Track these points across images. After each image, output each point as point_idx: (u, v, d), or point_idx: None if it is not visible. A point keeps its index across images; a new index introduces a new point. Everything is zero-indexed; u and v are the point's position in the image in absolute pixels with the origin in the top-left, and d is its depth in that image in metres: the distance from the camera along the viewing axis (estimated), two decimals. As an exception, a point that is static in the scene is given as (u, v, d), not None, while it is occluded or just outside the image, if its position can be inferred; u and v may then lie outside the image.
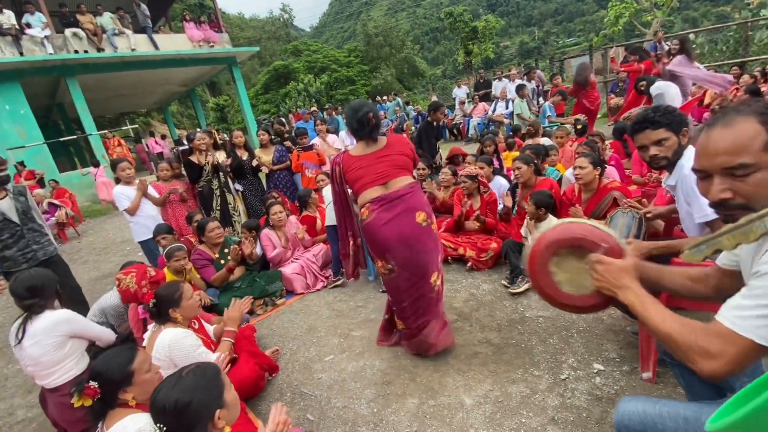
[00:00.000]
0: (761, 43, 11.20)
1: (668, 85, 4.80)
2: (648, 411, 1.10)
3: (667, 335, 0.92)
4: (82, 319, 2.24)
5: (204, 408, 1.18)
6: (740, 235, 0.52)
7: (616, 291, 1.06)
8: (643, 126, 1.79)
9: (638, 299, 1.01)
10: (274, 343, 2.88)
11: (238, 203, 4.73)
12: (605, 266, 1.08)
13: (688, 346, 0.88)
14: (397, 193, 2.14)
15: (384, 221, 2.12)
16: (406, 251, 2.14)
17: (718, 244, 0.55)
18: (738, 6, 24.94)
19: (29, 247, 3.12)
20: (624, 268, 1.07)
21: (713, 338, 0.85)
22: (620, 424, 1.15)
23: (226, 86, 29.57)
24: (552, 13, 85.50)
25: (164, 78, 13.80)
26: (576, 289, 1.22)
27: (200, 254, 3.55)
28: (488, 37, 20.61)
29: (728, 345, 0.83)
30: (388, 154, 2.21)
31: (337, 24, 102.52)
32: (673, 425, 1.05)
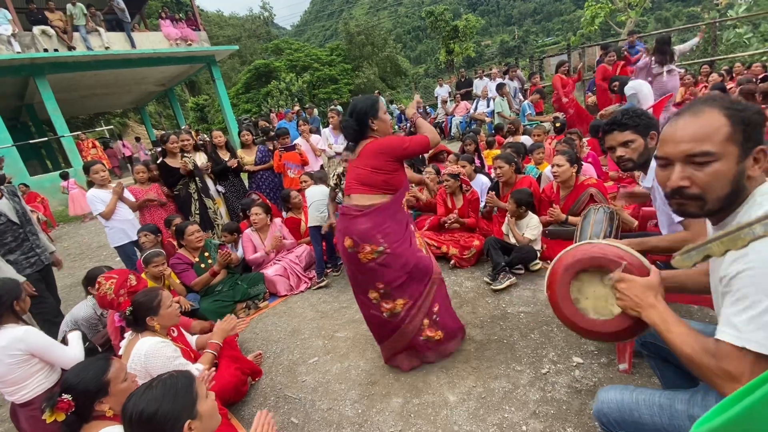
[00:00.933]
0: (729, 43, 11.67)
1: (641, 84, 4.93)
2: (625, 399, 1.14)
3: (688, 357, 0.92)
4: (41, 339, 2.01)
5: (171, 419, 1.14)
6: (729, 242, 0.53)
7: (639, 310, 1.04)
8: (611, 128, 1.83)
9: (661, 319, 0.99)
10: (257, 347, 2.85)
11: (220, 206, 4.65)
12: (628, 284, 1.07)
13: (708, 368, 0.88)
14: (347, 209, 2.12)
15: (337, 228, 2.22)
16: (345, 263, 2.25)
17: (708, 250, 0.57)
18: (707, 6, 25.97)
19: (33, 250, 2.96)
20: (649, 285, 1.05)
21: (728, 359, 0.84)
22: (599, 412, 1.19)
23: (206, 85, 28.97)
24: (531, 13, 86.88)
25: (140, 77, 13.43)
26: (601, 316, 1.17)
27: (180, 258, 3.48)
28: (469, 36, 20.83)
29: (744, 364, 0.82)
30: (357, 165, 2.13)
31: (319, 22, 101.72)
32: (648, 411, 1.09)
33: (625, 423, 1.12)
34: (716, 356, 0.86)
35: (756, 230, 0.49)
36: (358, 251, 2.08)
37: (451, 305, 2.41)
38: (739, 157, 0.89)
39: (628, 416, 1.11)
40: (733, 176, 0.89)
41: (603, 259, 1.15)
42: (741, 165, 0.89)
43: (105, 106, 19.36)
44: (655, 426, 1.08)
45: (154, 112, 27.05)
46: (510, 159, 3.55)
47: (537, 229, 3.18)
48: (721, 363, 0.85)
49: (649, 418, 1.08)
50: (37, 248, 3.00)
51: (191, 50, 12.64)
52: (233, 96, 24.39)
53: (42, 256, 3.03)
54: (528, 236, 3.16)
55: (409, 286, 2.15)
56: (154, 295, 2.10)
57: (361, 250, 2.07)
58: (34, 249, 2.98)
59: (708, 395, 1.06)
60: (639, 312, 1.04)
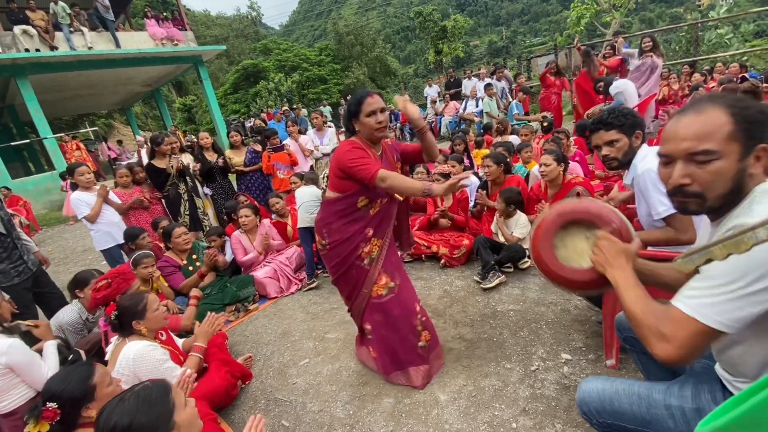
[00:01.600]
0: (710, 43, 11.94)
1: (626, 84, 5.02)
2: (606, 389, 1.17)
3: (633, 316, 0.97)
4: (23, 356, 1.93)
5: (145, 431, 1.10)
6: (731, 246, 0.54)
7: (607, 268, 1.11)
8: (597, 127, 1.86)
9: (624, 279, 1.06)
10: (247, 350, 2.82)
11: (207, 208, 4.61)
12: (609, 243, 1.13)
13: (647, 327, 0.93)
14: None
15: None
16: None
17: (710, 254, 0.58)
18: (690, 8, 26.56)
19: (21, 258, 2.87)
20: (625, 250, 1.11)
21: (667, 320, 0.90)
22: (581, 401, 1.22)
23: (193, 86, 28.65)
24: (519, 13, 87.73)
25: (125, 78, 13.21)
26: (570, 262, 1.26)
27: (167, 261, 3.43)
28: (457, 36, 20.95)
29: (679, 327, 0.87)
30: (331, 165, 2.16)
31: (308, 22, 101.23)
32: (627, 401, 1.12)
33: (606, 412, 1.15)
34: (659, 317, 0.92)
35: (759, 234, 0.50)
36: (329, 247, 2.12)
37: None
38: (741, 155, 0.89)
39: (608, 405, 1.15)
40: (734, 174, 0.89)
41: (598, 217, 1.22)
42: (742, 163, 0.89)
43: (89, 107, 19.01)
44: (634, 414, 1.11)
45: (141, 113, 26.65)
46: (499, 159, 3.58)
47: (526, 227, 3.21)
48: (660, 324, 0.90)
49: (628, 407, 1.12)
50: (24, 255, 2.93)
51: (177, 50, 12.47)
52: (221, 96, 24.14)
53: (29, 263, 2.96)
54: (517, 235, 3.19)
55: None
56: (140, 298, 2.07)
57: (323, 242, 2.13)
58: (22, 257, 2.91)
59: (684, 387, 1.09)
60: (605, 269, 1.11)
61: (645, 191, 1.75)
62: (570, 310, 2.56)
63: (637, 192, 1.84)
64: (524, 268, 3.14)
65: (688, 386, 1.08)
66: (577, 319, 2.46)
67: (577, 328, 2.37)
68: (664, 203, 1.67)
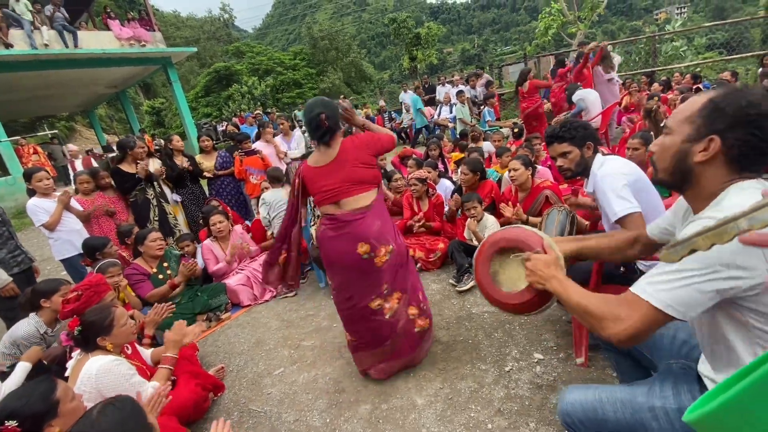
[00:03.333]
0: (667, 55, 12.68)
1: (588, 92, 5.25)
2: (588, 398, 1.18)
3: (584, 308, 1.01)
4: None
5: None
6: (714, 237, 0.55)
7: (544, 282, 1.16)
8: (551, 140, 1.96)
9: (561, 285, 1.11)
10: (219, 361, 2.74)
11: (177, 213, 4.46)
12: (534, 261, 1.20)
13: (601, 314, 0.97)
14: (347, 216, 1.97)
15: (329, 238, 2.02)
16: (344, 274, 2.07)
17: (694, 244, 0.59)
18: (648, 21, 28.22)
19: (18, 248, 2.93)
20: (549, 261, 1.18)
21: (623, 304, 0.95)
22: (564, 412, 1.22)
23: (162, 88, 27.76)
24: (490, 23, 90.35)
25: (88, 78, 12.61)
26: (509, 287, 1.36)
27: (135, 269, 3.27)
28: (431, 43, 21.30)
29: (634, 309, 0.93)
30: (342, 166, 1.98)
31: (282, 26, 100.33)
32: (611, 408, 1.13)
33: (590, 421, 1.15)
34: (612, 303, 0.97)
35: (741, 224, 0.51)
36: (375, 255, 1.98)
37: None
38: (687, 138, 0.96)
39: (592, 415, 1.15)
40: (675, 153, 0.98)
41: (522, 242, 1.32)
42: (686, 145, 0.96)
43: (49, 109, 18.02)
44: (618, 422, 1.11)
45: (105, 115, 25.55)
46: (476, 167, 3.66)
47: (495, 227, 3.29)
48: (615, 308, 0.96)
49: (612, 414, 1.12)
50: (21, 246, 2.98)
51: (145, 51, 12.04)
52: (192, 99, 23.53)
53: (28, 254, 3.00)
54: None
55: (401, 275, 2.13)
56: (107, 313, 1.97)
57: (377, 253, 1.98)
58: (20, 247, 2.95)
59: (664, 385, 1.11)
60: (544, 284, 1.16)
61: (603, 195, 1.83)
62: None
63: (599, 198, 1.93)
64: (498, 270, 3.20)
65: (668, 386, 1.10)
66: (548, 319, 2.53)
67: (549, 328, 2.43)
68: (620, 205, 1.73)
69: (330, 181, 1.99)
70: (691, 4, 63.84)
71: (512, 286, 1.36)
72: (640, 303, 0.92)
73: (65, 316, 2.24)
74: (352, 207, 1.98)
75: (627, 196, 1.72)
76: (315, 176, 2.04)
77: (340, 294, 2.14)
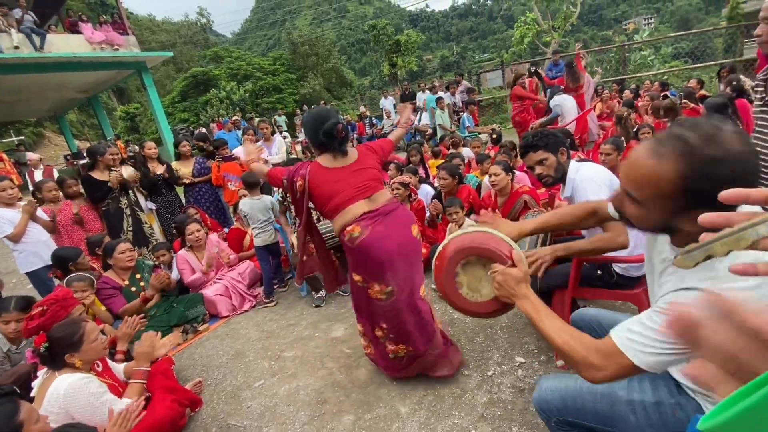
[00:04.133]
0: (636, 63, 13.22)
1: (565, 99, 5.41)
2: (569, 387, 1.20)
3: (560, 348, 1.00)
4: None
5: None
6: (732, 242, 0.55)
7: (514, 300, 1.15)
8: (526, 150, 2.00)
9: (533, 309, 1.09)
10: (196, 374, 2.65)
11: (152, 222, 4.32)
12: (504, 277, 1.16)
13: (577, 359, 0.96)
14: (387, 207, 1.94)
15: (383, 235, 1.87)
16: (405, 267, 1.94)
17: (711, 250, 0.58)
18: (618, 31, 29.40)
19: None
20: (519, 278, 1.15)
21: (599, 353, 0.93)
22: (540, 399, 1.23)
23: (137, 93, 27.05)
24: (468, 30, 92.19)
25: (58, 83, 12.16)
26: (472, 294, 1.31)
27: (106, 282, 3.14)
28: (411, 50, 21.53)
29: (611, 360, 0.92)
30: (365, 166, 2.01)
31: (261, 31, 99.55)
32: (591, 399, 1.15)
33: (567, 410, 1.17)
34: (587, 347, 0.95)
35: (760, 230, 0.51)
36: (421, 234, 2.06)
37: None
38: (669, 211, 0.84)
39: (571, 403, 1.17)
40: (657, 223, 0.89)
41: (489, 251, 1.26)
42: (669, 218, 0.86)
43: (16, 114, 17.26)
44: (597, 412, 1.14)
45: (76, 121, 24.69)
46: (454, 171, 3.70)
47: None
48: (590, 354, 0.94)
49: (591, 405, 1.14)
50: None
51: (118, 55, 11.69)
52: (168, 105, 22.98)
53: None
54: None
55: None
56: (76, 328, 1.87)
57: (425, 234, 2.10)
58: None
59: (642, 381, 1.14)
60: (513, 301, 1.16)
61: (585, 199, 1.87)
62: (522, 314, 2.66)
63: (576, 202, 1.98)
64: (479, 275, 3.23)
65: (646, 381, 1.13)
66: (529, 322, 2.56)
67: (529, 331, 2.46)
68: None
69: (358, 179, 1.96)
70: (657, 15, 66.94)
71: (473, 289, 1.32)
72: (618, 353, 0.91)
73: (29, 333, 2.13)
74: (384, 199, 1.98)
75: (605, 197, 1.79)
76: (332, 176, 1.95)
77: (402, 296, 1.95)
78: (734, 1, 15.11)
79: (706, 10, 58.45)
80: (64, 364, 1.83)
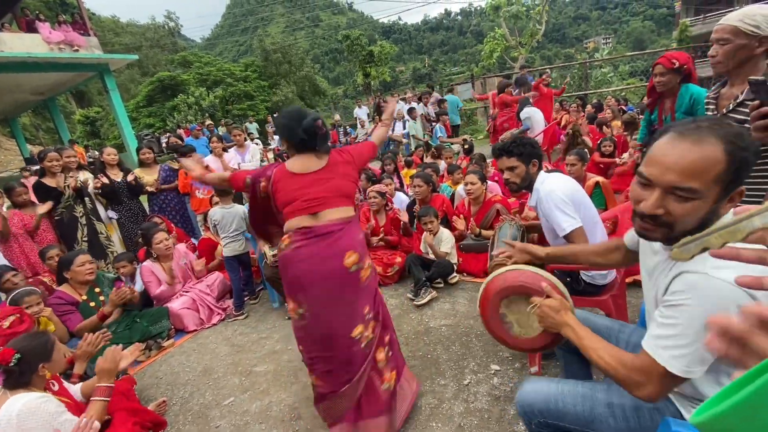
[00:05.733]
0: (597, 80, 13.98)
1: (534, 111, 5.62)
2: (551, 389, 1.22)
3: (605, 371, 1.03)
4: None
5: None
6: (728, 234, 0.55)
7: (557, 328, 1.19)
8: (500, 153, 2.06)
9: (576, 336, 1.13)
10: (161, 394, 2.49)
11: (112, 232, 4.08)
12: (542, 308, 1.21)
13: (622, 380, 0.99)
14: (328, 227, 1.73)
15: (304, 256, 1.71)
16: (323, 296, 1.72)
17: (706, 242, 0.58)
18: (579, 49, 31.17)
19: None
20: (557, 306, 1.20)
21: (639, 371, 0.96)
22: (523, 401, 1.24)
23: (99, 96, 25.82)
24: (439, 44, 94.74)
25: (11, 84, 11.40)
26: (524, 330, 1.35)
27: (61, 297, 2.90)
28: (384, 61, 21.80)
29: (651, 376, 0.93)
30: (331, 176, 1.82)
31: (232, 37, 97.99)
32: (572, 401, 1.18)
33: (549, 412, 1.19)
34: (629, 367, 0.98)
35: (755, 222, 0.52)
36: (362, 267, 1.76)
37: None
38: (719, 197, 0.86)
39: (552, 405, 1.19)
40: (706, 214, 0.87)
41: (530, 287, 1.31)
42: (717, 204, 0.87)
43: (-41, 117, 16.05)
44: (577, 415, 1.16)
45: (30, 124, 23.23)
46: (428, 179, 3.74)
47: (450, 241, 3.36)
48: (633, 374, 0.97)
49: (572, 407, 1.17)
50: None
51: (77, 57, 11.13)
52: (132, 109, 22.09)
53: None
54: (444, 250, 3.32)
55: (379, 300, 1.92)
56: (46, 338, 1.75)
57: (364, 265, 1.78)
58: None
59: None
60: (558, 329, 1.19)
61: (549, 213, 1.94)
62: (496, 322, 2.69)
63: (541, 213, 2.04)
64: (453, 282, 3.26)
65: None
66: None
67: (504, 339, 2.49)
68: (567, 221, 1.87)
69: (315, 189, 1.78)
70: (614, 35, 71.36)
71: (524, 326, 1.36)
72: (657, 367, 0.92)
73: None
74: (332, 217, 1.76)
75: (570, 212, 1.87)
76: (294, 182, 1.81)
77: (313, 324, 1.75)
78: (683, 25, 16.35)
79: (658, 32, 62.97)
80: (29, 381, 1.68)
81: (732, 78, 1.55)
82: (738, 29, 1.44)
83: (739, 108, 1.49)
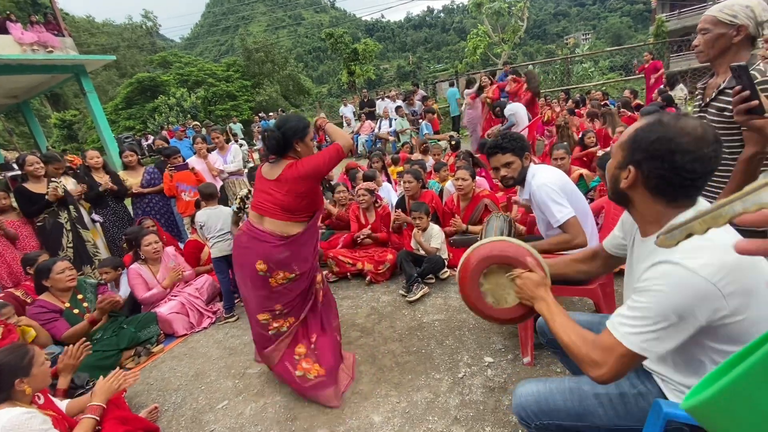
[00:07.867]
0: (578, 75, 14.22)
1: (518, 107, 5.70)
2: (540, 389, 1.24)
3: (566, 346, 1.05)
4: None
5: None
6: (710, 220, 0.56)
7: (532, 301, 1.21)
8: (494, 151, 2.08)
9: (548, 310, 1.15)
10: (152, 400, 2.45)
11: (96, 238, 3.98)
12: (524, 281, 1.23)
13: (581, 357, 1.01)
14: (256, 231, 2.04)
15: (240, 243, 2.12)
16: (243, 277, 2.14)
17: (690, 229, 0.59)
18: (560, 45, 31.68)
19: None
20: (538, 281, 1.22)
21: (600, 349, 0.97)
22: (519, 406, 1.26)
23: (75, 99, 25.10)
24: (422, 41, 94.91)
25: (-20, 87, 11.01)
26: (496, 302, 1.36)
27: (43, 305, 2.81)
28: (369, 59, 21.71)
29: (609, 353, 0.96)
30: (278, 189, 2.00)
31: (212, 36, 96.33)
32: (561, 397, 1.20)
33: (542, 413, 1.20)
34: (589, 345, 1.00)
35: (736, 207, 0.53)
36: (270, 275, 2.05)
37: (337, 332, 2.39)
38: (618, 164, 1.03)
39: (544, 405, 1.20)
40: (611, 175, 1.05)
41: (515, 258, 1.32)
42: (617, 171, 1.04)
43: (-74, 122, 15.38)
44: (568, 410, 1.18)
45: (3, 129, 22.42)
46: (417, 175, 3.75)
47: (440, 236, 3.38)
48: (591, 352, 0.99)
49: (562, 403, 1.18)
50: None
51: (52, 58, 10.77)
52: (111, 112, 21.54)
53: None
54: (435, 246, 3.34)
55: (300, 303, 2.20)
56: (24, 351, 1.69)
57: (274, 275, 2.06)
58: None
59: None
60: (531, 302, 1.22)
61: (543, 204, 1.97)
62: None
63: (535, 206, 2.07)
64: (444, 278, 3.28)
65: None
66: (495, 322, 2.63)
67: (496, 331, 2.52)
68: (561, 211, 1.91)
69: (264, 197, 2.06)
70: (594, 31, 72.63)
71: (498, 297, 1.36)
72: (615, 344, 0.95)
73: None
74: (271, 228, 2.03)
75: (563, 202, 1.91)
76: (259, 183, 2.12)
77: (241, 292, 2.25)
78: (659, 20, 16.73)
79: (635, 28, 64.35)
80: (8, 396, 1.62)
81: (716, 68, 1.60)
82: (717, 19, 1.49)
83: (720, 96, 1.54)
